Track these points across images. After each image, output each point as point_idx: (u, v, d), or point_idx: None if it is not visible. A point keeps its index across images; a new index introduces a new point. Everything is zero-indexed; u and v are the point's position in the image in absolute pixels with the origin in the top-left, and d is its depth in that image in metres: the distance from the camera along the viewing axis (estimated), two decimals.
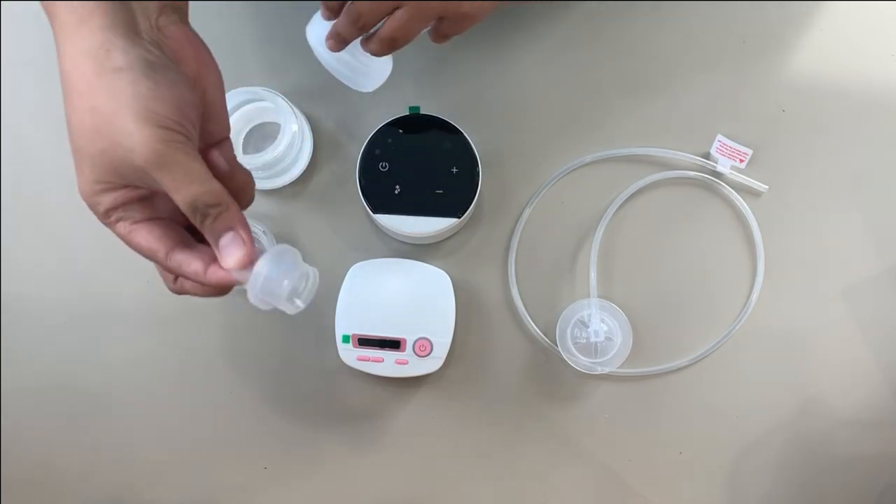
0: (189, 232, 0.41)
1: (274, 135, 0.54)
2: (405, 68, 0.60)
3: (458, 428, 0.58)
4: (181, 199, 0.36)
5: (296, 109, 0.56)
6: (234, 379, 0.58)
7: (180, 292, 0.42)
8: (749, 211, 0.58)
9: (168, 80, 0.36)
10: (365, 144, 0.55)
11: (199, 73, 0.39)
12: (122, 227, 0.39)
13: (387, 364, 0.54)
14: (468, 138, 0.55)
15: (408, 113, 0.56)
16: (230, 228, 0.39)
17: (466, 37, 0.61)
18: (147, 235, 0.39)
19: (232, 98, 0.55)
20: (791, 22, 0.62)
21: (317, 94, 0.60)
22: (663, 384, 0.58)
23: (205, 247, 0.40)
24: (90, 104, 0.35)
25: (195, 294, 0.41)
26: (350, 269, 0.55)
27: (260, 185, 0.57)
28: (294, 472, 0.58)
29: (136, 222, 0.39)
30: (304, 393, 0.58)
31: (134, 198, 0.38)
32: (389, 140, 0.55)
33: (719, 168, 0.58)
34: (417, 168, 0.55)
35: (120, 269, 0.58)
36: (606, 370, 0.56)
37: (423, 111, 0.56)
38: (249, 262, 0.39)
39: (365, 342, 0.54)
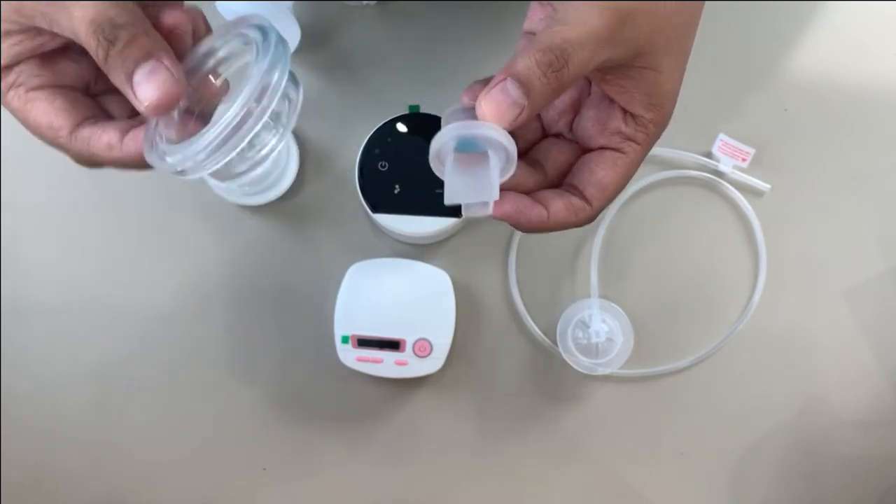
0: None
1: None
2: (405, 67, 0.60)
3: (458, 428, 0.58)
4: (81, 18, 0.28)
5: None
6: (234, 379, 0.58)
7: (92, 165, 0.33)
8: (751, 210, 0.58)
9: None
10: (364, 144, 0.55)
11: None
12: (16, 97, 0.31)
13: (386, 365, 0.54)
14: None
15: (407, 112, 0.55)
16: (149, 55, 0.29)
17: (466, 36, 0.61)
18: (46, 107, 0.31)
19: None
20: (794, 20, 0.62)
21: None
22: (665, 385, 0.58)
23: (118, 121, 0.32)
24: None
25: (111, 166, 0.33)
26: (349, 270, 0.55)
27: (249, 200, 0.57)
28: (293, 473, 0.57)
29: (32, 89, 0.31)
30: (303, 394, 0.58)
31: (33, 52, 0.31)
32: (389, 139, 0.55)
33: (721, 167, 0.58)
34: (417, 167, 0.54)
35: (119, 268, 0.58)
36: (607, 371, 0.55)
37: (423, 110, 0.56)
38: (178, 96, 0.29)
39: (364, 343, 0.54)
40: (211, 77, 0.33)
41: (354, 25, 0.60)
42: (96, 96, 0.34)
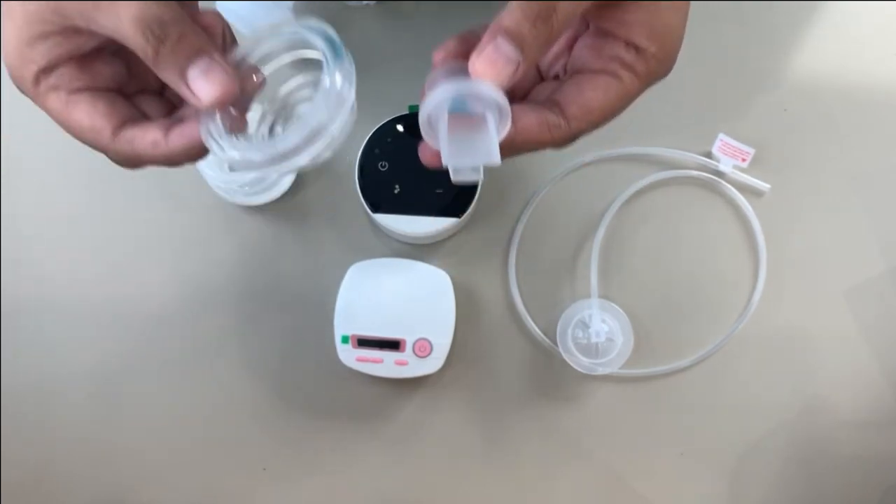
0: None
1: None
2: (405, 68, 0.60)
3: (457, 428, 0.58)
4: (128, 17, 0.27)
5: None
6: (233, 380, 0.58)
7: (135, 164, 0.33)
8: (751, 210, 0.58)
9: None
10: (364, 144, 0.55)
11: None
12: (57, 99, 0.31)
13: (386, 365, 0.54)
14: None
15: (407, 112, 0.55)
16: (201, 52, 0.29)
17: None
18: (88, 109, 0.31)
19: None
20: (794, 20, 0.62)
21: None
22: (664, 385, 0.58)
23: (159, 120, 0.33)
24: None
25: (155, 163, 0.32)
26: (349, 270, 0.55)
27: (249, 200, 0.57)
28: (293, 473, 0.57)
29: (72, 92, 0.31)
30: (303, 394, 0.58)
31: (72, 55, 0.30)
32: (389, 139, 0.55)
33: (721, 167, 0.58)
34: (417, 167, 0.54)
35: (119, 268, 0.58)
36: (607, 371, 0.55)
37: None
38: (234, 92, 0.30)
39: (364, 343, 0.54)
40: (252, 74, 0.34)
41: (354, 25, 0.60)
42: (129, 97, 0.34)
